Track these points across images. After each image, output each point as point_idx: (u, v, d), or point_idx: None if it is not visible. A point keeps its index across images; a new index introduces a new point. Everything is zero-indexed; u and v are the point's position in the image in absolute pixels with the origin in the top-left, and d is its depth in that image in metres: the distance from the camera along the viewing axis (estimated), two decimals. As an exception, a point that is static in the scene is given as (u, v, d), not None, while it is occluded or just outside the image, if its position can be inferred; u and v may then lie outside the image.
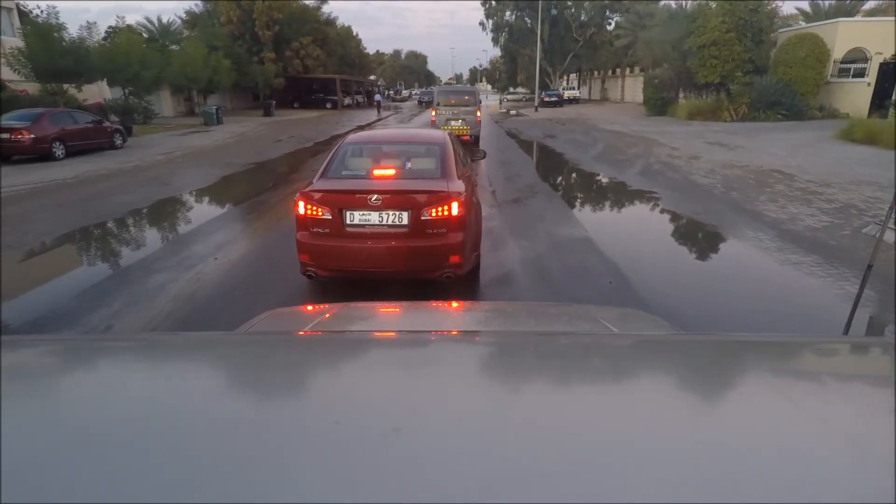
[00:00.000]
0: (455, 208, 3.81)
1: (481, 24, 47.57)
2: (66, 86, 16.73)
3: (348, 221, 3.85)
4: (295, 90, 40.52)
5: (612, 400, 0.69)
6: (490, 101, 51.13)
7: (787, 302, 4.06)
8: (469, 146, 11.77)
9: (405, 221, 3.82)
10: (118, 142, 14.90)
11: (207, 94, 29.53)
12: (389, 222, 3.84)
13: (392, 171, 4.28)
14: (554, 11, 41.96)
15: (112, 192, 8.82)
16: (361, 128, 22.88)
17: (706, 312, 3.90)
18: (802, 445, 0.54)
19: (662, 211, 7.16)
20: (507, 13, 45.75)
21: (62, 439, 0.53)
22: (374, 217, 3.83)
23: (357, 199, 3.83)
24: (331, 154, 4.45)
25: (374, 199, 3.76)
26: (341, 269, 4.06)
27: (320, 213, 3.86)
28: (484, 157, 7.13)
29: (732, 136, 15.42)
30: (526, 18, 44.34)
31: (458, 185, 4.01)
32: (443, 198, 3.81)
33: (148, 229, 6.90)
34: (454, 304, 2.85)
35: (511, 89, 54.24)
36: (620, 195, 8.39)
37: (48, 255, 5.80)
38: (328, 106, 39.81)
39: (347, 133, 20.16)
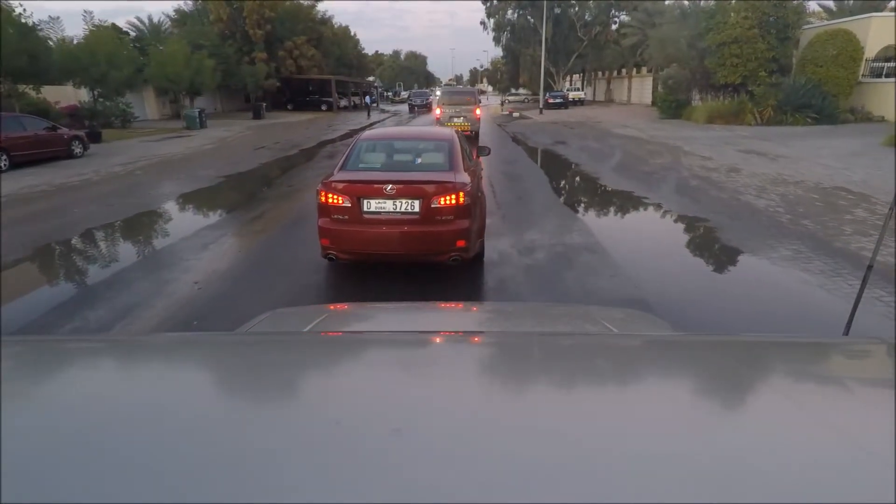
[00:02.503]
0: (461, 198, 4.13)
1: (482, 23, 45.96)
2: (22, 87, 15.06)
3: (365, 209, 4.16)
4: (289, 91, 38.91)
5: (614, 400, 0.69)
6: (491, 102, 49.43)
7: None
8: (473, 142, 11.44)
9: (417, 209, 4.13)
10: (77, 150, 13.28)
11: (194, 96, 27.87)
12: (402, 210, 4.15)
13: (404, 165, 4.75)
14: (557, 10, 40.28)
15: (40, 215, 7.19)
16: (355, 132, 21.29)
17: None
18: (803, 445, 0.54)
19: (726, 250, 5.52)
20: (509, 12, 44.14)
21: (62, 439, 0.52)
22: (388, 205, 4.15)
23: (374, 189, 4.15)
24: (349, 149, 4.84)
25: (388, 188, 4.10)
26: (358, 252, 4.36)
27: (340, 202, 4.16)
28: (489, 153, 6.99)
29: (766, 143, 13.78)
30: (529, 17, 42.73)
31: (465, 178, 4.32)
32: (450, 188, 4.14)
33: (50, 274, 5.27)
34: (455, 304, 2.79)
35: (513, 90, 52.61)
36: (663, 225, 6.74)
37: None
38: (323, 108, 38.16)
39: (337, 139, 18.63)
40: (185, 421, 0.59)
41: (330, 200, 4.21)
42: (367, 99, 35.43)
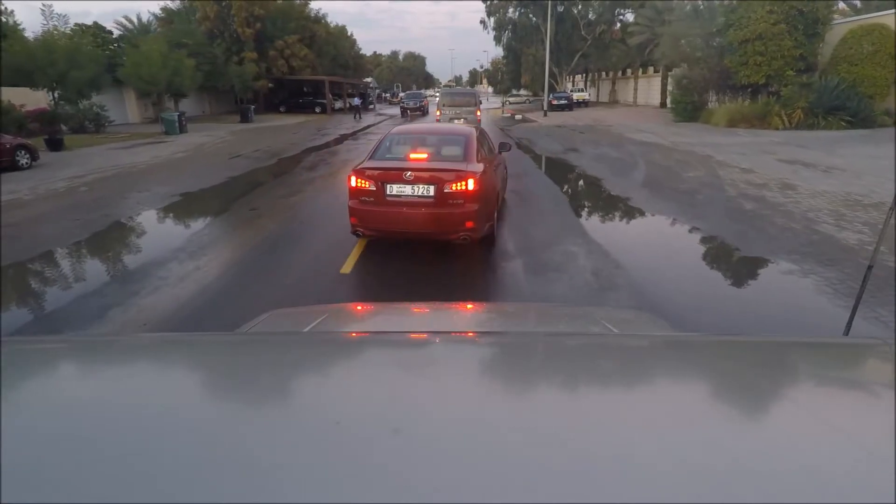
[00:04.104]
0: (471, 184, 4.66)
1: (482, 22, 44.33)
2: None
3: (388, 192, 4.79)
4: (283, 93, 37.28)
5: (614, 400, 0.69)
6: (491, 103, 47.70)
7: None
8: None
9: (432, 193, 4.72)
10: (23, 161, 11.64)
11: (178, 98, 26.20)
12: (419, 194, 4.74)
13: (424, 155, 5.24)
14: (560, 8, 38.63)
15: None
16: (345, 137, 19.66)
17: None
18: (803, 445, 0.54)
19: (843, 319, 3.86)
20: (510, 10, 42.53)
21: (62, 439, 0.52)
22: (408, 189, 4.75)
23: (395, 175, 4.78)
24: (378, 141, 5.56)
25: (408, 175, 4.72)
26: (382, 230, 5.02)
27: (367, 185, 4.81)
28: (510, 149, 7.20)
29: (807, 151, 12.13)
30: (531, 15, 41.13)
31: (476, 167, 4.86)
32: (461, 176, 4.68)
33: None
34: (455, 304, 2.78)
35: (514, 91, 50.94)
36: (735, 272, 5.06)
37: None
38: (317, 110, 36.49)
39: (323, 146, 16.95)
40: (185, 421, 0.58)
41: (359, 184, 4.83)
42: (356, 100, 32.93)
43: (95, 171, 11.45)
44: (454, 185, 4.64)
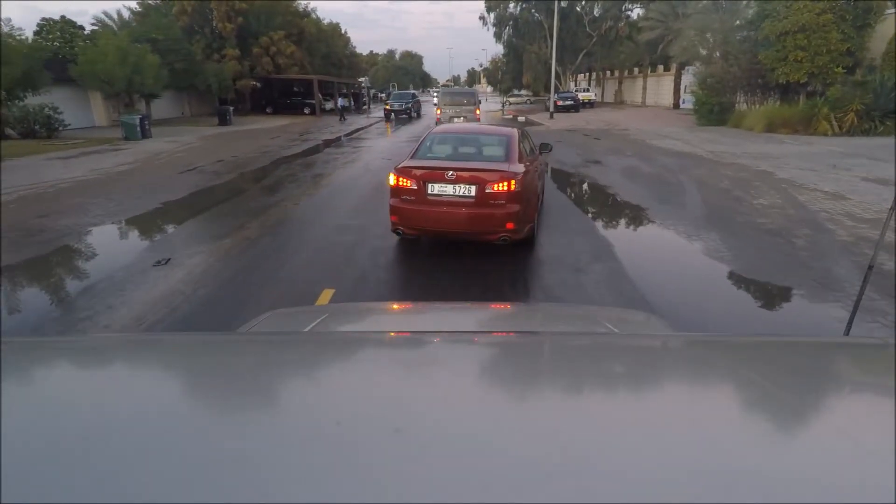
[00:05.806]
0: (512, 185, 4.67)
1: (482, 18, 42.07)
2: None
3: (429, 192, 4.81)
4: (269, 93, 34.90)
5: (615, 400, 0.69)
6: (490, 104, 45.33)
7: None
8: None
9: (473, 193, 4.73)
10: (-90, 179, 9.26)
11: (150, 98, 23.79)
12: (460, 194, 4.76)
13: (466, 155, 5.41)
14: (563, 4, 36.33)
15: None
16: (329, 143, 17.30)
17: None
18: (803, 445, 0.55)
19: None
20: (511, 5, 40.26)
21: (62, 439, 0.52)
22: (449, 189, 4.77)
23: (437, 175, 4.80)
24: (420, 141, 5.63)
25: (449, 174, 4.74)
26: (422, 228, 5.04)
27: (408, 184, 4.85)
28: (551, 150, 6.89)
29: (885, 166, 9.84)
30: (533, 11, 38.87)
31: (517, 168, 4.86)
32: (503, 177, 4.69)
33: None
34: (455, 304, 2.80)
35: (515, 91, 48.57)
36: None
37: None
38: (306, 111, 34.12)
39: (299, 156, 14.40)
40: (185, 420, 0.59)
41: (400, 183, 4.89)
42: (340, 101, 30.51)
43: (3, 192, 9.09)
44: (495, 185, 4.67)
